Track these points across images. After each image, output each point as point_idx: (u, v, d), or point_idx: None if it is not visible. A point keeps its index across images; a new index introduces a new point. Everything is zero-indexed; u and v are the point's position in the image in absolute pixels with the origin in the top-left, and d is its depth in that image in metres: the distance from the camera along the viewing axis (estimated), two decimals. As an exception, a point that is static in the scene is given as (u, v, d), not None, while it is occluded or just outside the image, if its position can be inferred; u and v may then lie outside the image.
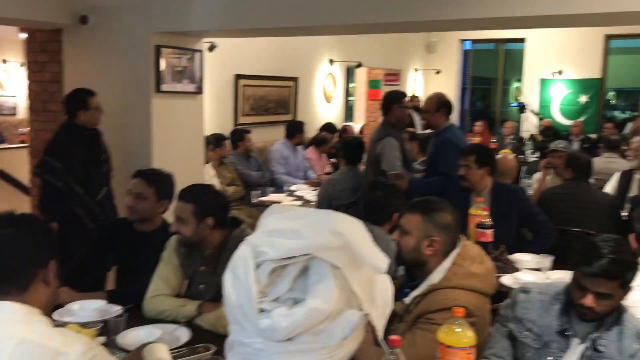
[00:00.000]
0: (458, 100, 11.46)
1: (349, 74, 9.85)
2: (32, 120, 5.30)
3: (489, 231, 3.23)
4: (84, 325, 2.32)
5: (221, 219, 2.54)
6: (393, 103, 4.55)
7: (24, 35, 8.64)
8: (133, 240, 2.95)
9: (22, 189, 6.35)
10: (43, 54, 5.04)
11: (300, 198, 5.60)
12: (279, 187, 6.09)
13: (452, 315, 1.75)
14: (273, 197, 5.62)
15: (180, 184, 4.66)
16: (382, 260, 1.11)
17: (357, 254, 1.09)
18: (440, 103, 4.41)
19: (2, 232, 1.58)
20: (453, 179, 3.94)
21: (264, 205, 5.64)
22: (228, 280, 1.12)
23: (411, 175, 4.50)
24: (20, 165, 6.44)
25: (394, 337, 1.53)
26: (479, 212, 3.29)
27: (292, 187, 5.99)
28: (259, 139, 7.02)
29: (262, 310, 1.08)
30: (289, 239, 1.08)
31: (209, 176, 5.41)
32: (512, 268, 3.25)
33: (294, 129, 6.60)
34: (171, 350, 2.20)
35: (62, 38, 4.87)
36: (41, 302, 1.56)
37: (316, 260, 1.08)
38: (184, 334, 2.36)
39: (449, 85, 11.25)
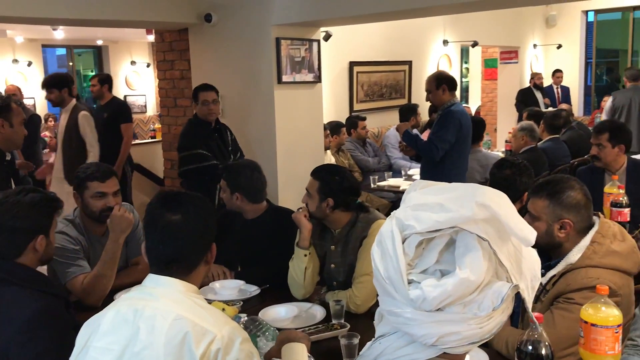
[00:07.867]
0: (581, 76, 10.79)
1: (463, 55, 9.58)
2: (164, 116, 5.68)
3: (626, 210, 3.03)
4: (227, 302, 2.48)
5: (342, 202, 2.57)
6: None
7: (151, 38, 9.23)
8: (244, 227, 3.07)
9: (156, 180, 6.83)
10: (171, 53, 5.39)
11: (418, 182, 5.56)
12: (396, 172, 6.09)
13: (596, 294, 1.70)
14: (391, 182, 5.64)
15: (302, 170, 4.85)
16: (531, 233, 1.10)
17: (504, 226, 1.09)
18: (438, 80, 4.38)
19: (173, 218, 1.58)
20: (437, 150, 4.25)
21: (382, 190, 5.68)
22: (376, 254, 1.16)
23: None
24: (153, 158, 6.94)
25: (537, 314, 1.52)
26: (614, 190, 3.11)
27: (410, 172, 5.98)
28: (375, 124, 7.05)
29: (410, 282, 1.12)
30: (435, 212, 1.10)
31: (330, 163, 5.53)
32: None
33: (408, 112, 6.57)
34: (308, 327, 2.31)
35: (188, 37, 5.17)
36: (199, 280, 1.64)
37: (463, 233, 1.10)
38: (319, 312, 2.46)
39: (571, 60, 10.63)
